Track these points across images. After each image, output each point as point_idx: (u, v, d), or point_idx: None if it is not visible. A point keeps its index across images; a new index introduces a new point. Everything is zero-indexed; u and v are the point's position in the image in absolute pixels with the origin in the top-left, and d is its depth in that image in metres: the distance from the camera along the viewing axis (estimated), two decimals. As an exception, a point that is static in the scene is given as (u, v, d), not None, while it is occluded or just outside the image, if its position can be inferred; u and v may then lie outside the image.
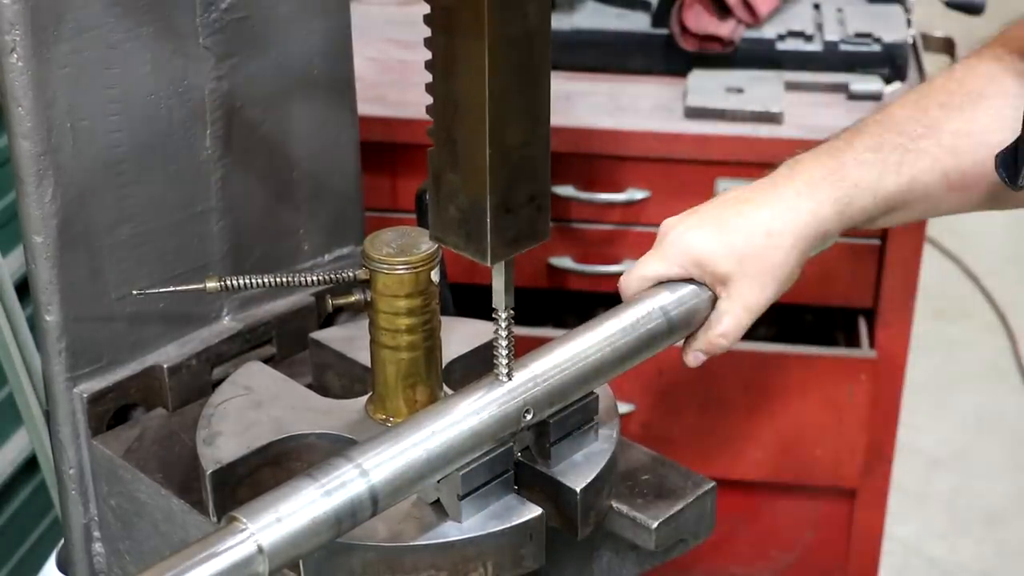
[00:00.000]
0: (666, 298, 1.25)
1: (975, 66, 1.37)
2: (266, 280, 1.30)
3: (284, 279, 1.30)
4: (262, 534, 0.99)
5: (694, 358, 1.31)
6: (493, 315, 1.13)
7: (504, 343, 1.13)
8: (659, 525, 1.24)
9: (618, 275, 2.35)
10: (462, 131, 1.04)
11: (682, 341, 1.30)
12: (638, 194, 2.34)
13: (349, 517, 1.04)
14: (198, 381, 1.42)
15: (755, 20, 2.40)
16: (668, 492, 1.28)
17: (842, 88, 2.38)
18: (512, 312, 1.13)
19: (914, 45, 2.49)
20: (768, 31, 2.42)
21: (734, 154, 2.30)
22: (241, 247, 1.46)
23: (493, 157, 1.03)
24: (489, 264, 1.08)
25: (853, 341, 2.47)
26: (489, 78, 1.00)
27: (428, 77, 1.04)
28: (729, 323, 1.28)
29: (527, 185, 1.07)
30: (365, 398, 1.30)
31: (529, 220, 1.08)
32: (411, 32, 2.53)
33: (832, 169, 1.31)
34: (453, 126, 1.04)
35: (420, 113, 1.07)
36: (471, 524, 1.15)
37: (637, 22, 2.45)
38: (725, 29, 2.38)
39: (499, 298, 1.13)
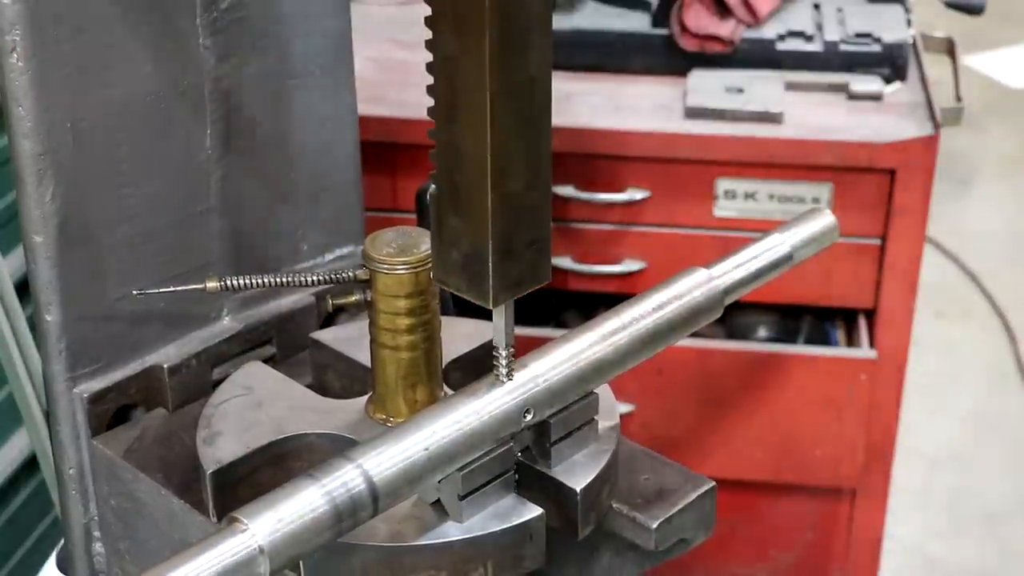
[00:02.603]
0: (670, 294, 1.25)
1: None
2: (266, 280, 1.30)
3: (284, 279, 1.30)
4: (263, 535, 0.98)
5: None
6: (493, 352, 1.14)
7: (504, 351, 1.14)
8: (659, 525, 1.24)
9: (618, 275, 2.39)
10: (464, 177, 1.05)
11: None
12: (638, 194, 2.35)
13: (350, 517, 1.04)
14: (198, 381, 1.42)
15: (755, 20, 2.40)
16: (668, 492, 1.28)
17: (842, 88, 2.39)
18: (513, 349, 1.14)
19: (914, 45, 2.49)
20: (768, 31, 2.42)
21: (734, 154, 2.30)
22: (241, 247, 1.46)
23: (495, 203, 1.04)
24: (491, 307, 1.09)
25: (853, 341, 2.47)
26: (491, 126, 1.01)
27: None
28: None
29: (528, 229, 1.08)
30: (365, 398, 1.30)
31: (530, 263, 1.09)
32: (411, 32, 2.54)
33: None
34: (455, 172, 1.06)
35: (420, 113, 1.07)
36: (471, 524, 1.15)
37: (637, 22, 2.46)
38: (725, 29, 2.38)
39: (500, 337, 1.14)
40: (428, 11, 1.03)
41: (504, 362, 1.14)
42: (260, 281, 1.30)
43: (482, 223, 1.05)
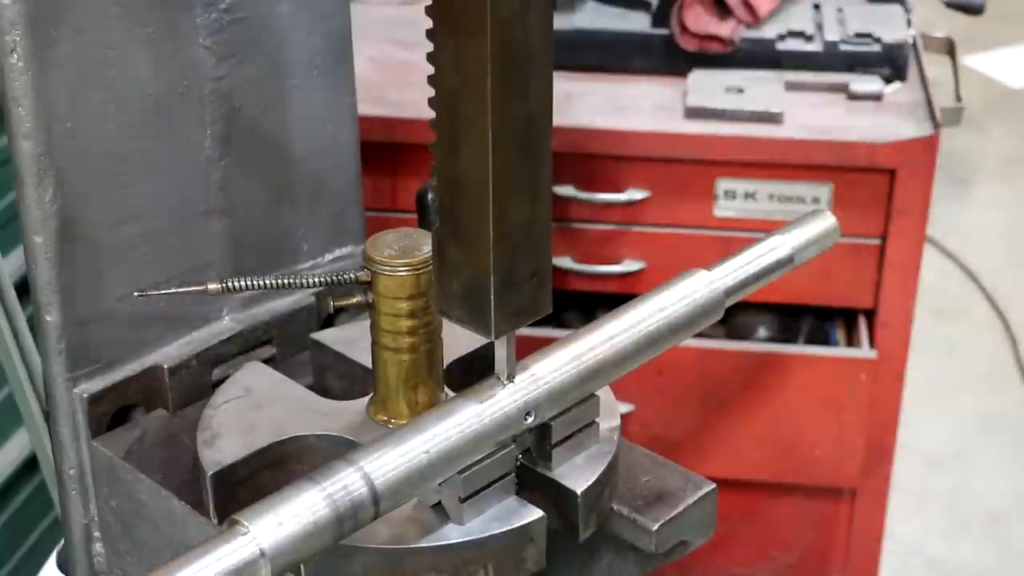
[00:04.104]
0: (671, 296, 1.25)
1: None
2: (267, 281, 1.30)
3: (285, 280, 1.30)
4: (264, 538, 0.98)
5: None
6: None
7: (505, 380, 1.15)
8: (660, 527, 1.24)
9: (618, 275, 2.39)
10: (465, 209, 1.06)
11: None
12: (638, 194, 2.34)
13: (351, 520, 1.04)
14: (198, 382, 1.41)
15: (755, 20, 2.40)
16: (668, 494, 1.28)
17: (842, 88, 2.39)
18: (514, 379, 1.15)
19: (914, 45, 2.49)
20: (768, 31, 2.42)
21: (734, 154, 2.30)
22: (241, 247, 1.46)
23: (496, 235, 1.05)
24: (492, 339, 1.10)
25: (853, 341, 2.47)
26: (492, 160, 1.03)
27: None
28: None
29: (529, 261, 1.09)
30: (366, 399, 1.30)
31: (531, 294, 1.11)
32: (411, 32, 2.54)
33: None
34: (456, 204, 1.07)
35: (420, 113, 1.07)
36: (472, 526, 1.15)
37: (637, 22, 2.46)
38: (725, 29, 2.38)
39: (501, 366, 1.15)
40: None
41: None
42: (261, 282, 1.29)
43: (483, 256, 1.06)
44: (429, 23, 1.03)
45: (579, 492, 1.18)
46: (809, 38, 2.43)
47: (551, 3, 1.03)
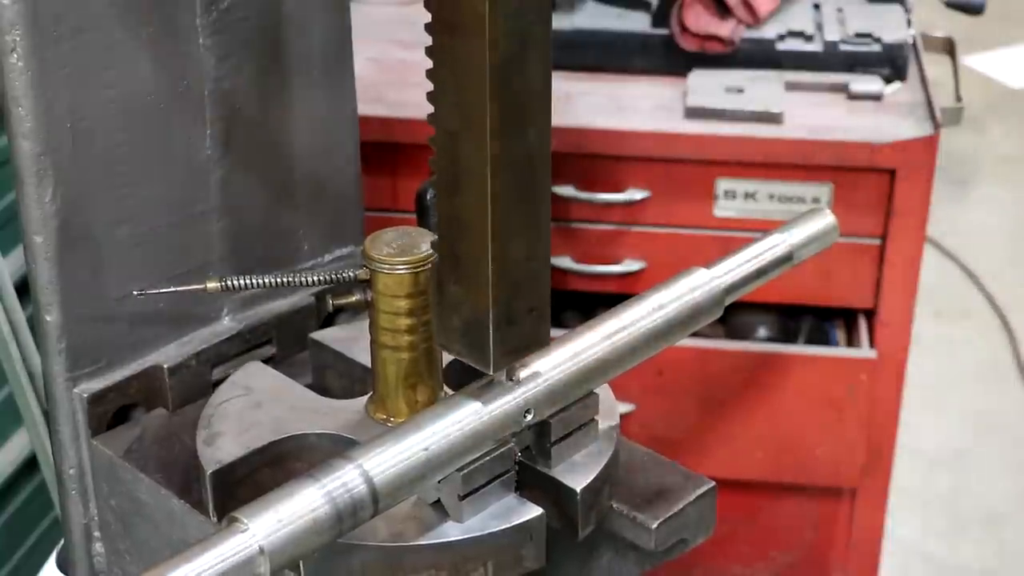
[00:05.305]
0: (670, 294, 1.25)
1: None
2: (266, 280, 1.30)
3: (284, 279, 1.30)
4: (263, 535, 0.98)
5: None
6: None
7: None
8: (659, 525, 1.24)
9: (618, 275, 2.39)
10: (465, 247, 1.07)
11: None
12: (638, 194, 2.35)
13: (350, 517, 1.04)
14: (198, 381, 1.42)
15: (755, 20, 2.40)
16: (668, 492, 1.28)
17: (842, 88, 2.39)
18: None
19: (914, 45, 2.49)
20: (768, 31, 2.43)
21: (734, 154, 2.31)
22: (241, 247, 1.46)
23: (495, 272, 1.07)
24: (491, 374, 1.12)
25: (853, 341, 2.47)
26: (491, 199, 1.04)
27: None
28: None
29: (528, 297, 1.11)
30: (365, 398, 1.30)
31: (530, 330, 1.12)
32: (411, 32, 2.54)
33: None
34: (456, 242, 1.08)
35: (420, 113, 1.07)
36: (471, 524, 1.15)
37: (637, 22, 2.46)
38: (725, 29, 2.38)
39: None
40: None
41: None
42: (260, 281, 1.30)
43: (483, 292, 1.08)
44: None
45: (578, 490, 1.19)
46: (809, 38, 2.43)
47: (548, 46, 1.03)
